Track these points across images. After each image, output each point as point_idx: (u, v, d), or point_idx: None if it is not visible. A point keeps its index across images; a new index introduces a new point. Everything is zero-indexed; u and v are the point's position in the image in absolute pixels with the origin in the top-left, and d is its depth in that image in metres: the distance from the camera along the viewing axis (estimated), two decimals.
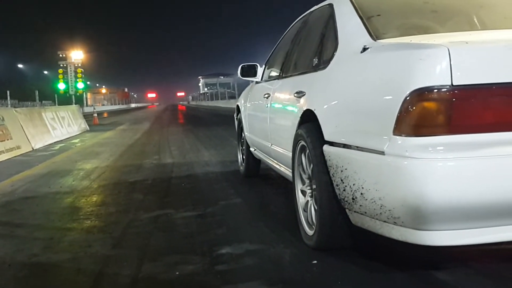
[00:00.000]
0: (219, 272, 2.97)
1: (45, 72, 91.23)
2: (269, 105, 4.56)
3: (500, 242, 2.17)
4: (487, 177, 2.03)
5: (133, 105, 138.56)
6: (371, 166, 2.31)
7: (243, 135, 6.31)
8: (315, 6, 4.05)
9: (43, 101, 53.52)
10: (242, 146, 6.48)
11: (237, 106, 6.66)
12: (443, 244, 2.16)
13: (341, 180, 2.61)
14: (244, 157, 6.35)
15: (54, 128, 14.94)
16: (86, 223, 4.54)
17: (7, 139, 10.65)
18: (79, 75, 54.07)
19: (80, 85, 54.64)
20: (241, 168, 6.57)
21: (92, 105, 74.46)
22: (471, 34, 2.66)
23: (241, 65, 5.60)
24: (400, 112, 2.13)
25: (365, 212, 2.47)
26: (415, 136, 2.09)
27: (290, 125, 3.60)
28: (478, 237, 2.14)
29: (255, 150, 5.66)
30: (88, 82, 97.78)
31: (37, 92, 48.44)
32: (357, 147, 2.49)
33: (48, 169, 8.41)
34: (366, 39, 2.84)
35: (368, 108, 2.43)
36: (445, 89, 2.06)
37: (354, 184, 2.49)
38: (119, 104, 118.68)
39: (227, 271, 2.99)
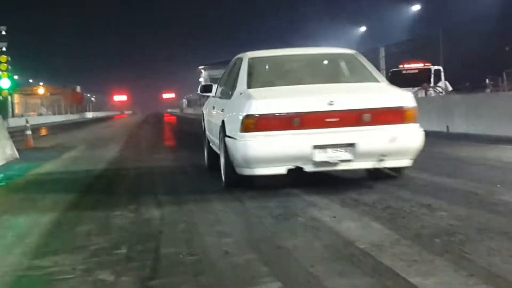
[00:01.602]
0: None
1: None
2: (214, 113, 9.15)
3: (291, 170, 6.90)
4: (267, 146, 6.76)
5: (90, 115, 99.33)
6: (235, 145, 7.01)
7: (206, 134, 10.52)
8: (239, 56, 8.71)
9: None
10: (206, 145, 10.25)
11: (202, 112, 11.00)
12: (258, 174, 6.93)
13: (230, 151, 7.25)
14: (207, 153, 10.23)
15: None
16: None
17: None
18: (3, 65, 36.39)
19: (4, 82, 36.48)
20: (206, 162, 10.35)
21: (22, 115, 55.98)
22: (284, 88, 7.50)
23: (200, 85, 9.89)
24: (241, 123, 6.92)
25: (236, 165, 7.22)
26: (244, 132, 6.85)
27: (219, 126, 8.03)
28: (270, 170, 6.89)
29: (210, 143, 9.63)
30: (16, 77, 62.22)
31: None
32: (232, 137, 7.16)
33: None
34: (244, 87, 7.62)
35: (235, 121, 7.16)
36: (254, 115, 6.84)
37: (232, 153, 7.19)
38: (67, 113, 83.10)
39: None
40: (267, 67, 8.69)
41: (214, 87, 9.75)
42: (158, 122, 44.66)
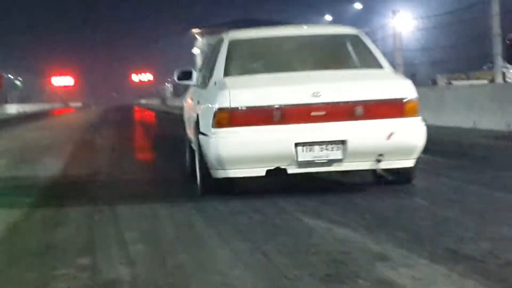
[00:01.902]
0: None
1: None
2: (191, 105, 8.81)
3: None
4: (242, 144, 6.51)
5: (12, 109, 72.86)
6: (207, 143, 6.72)
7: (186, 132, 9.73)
8: (220, 36, 8.21)
9: None
10: (187, 146, 9.31)
11: (184, 106, 10.50)
12: (233, 176, 6.60)
13: (203, 151, 6.98)
14: (188, 156, 9.23)
15: None
16: None
17: None
18: None
19: None
20: (187, 159, 9.41)
21: None
22: (266, 76, 7.29)
23: (177, 71, 8.84)
24: (213, 117, 6.60)
25: (209, 167, 6.82)
26: (217, 128, 6.55)
27: (194, 121, 7.84)
28: (247, 172, 6.54)
29: (191, 143, 8.70)
30: None
31: None
32: (205, 134, 6.89)
33: None
34: (221, 75, 7.25)
35: (208, 115, 6.86)
36: (227, 108, 6.53)
37: (205, 153, 6.85)
38: None
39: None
40: (250, 50, 8.08)
41: (195, 73, 8.69)
42: (124, 123, 32.37)
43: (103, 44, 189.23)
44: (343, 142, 6.60)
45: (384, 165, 6.76)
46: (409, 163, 6.85)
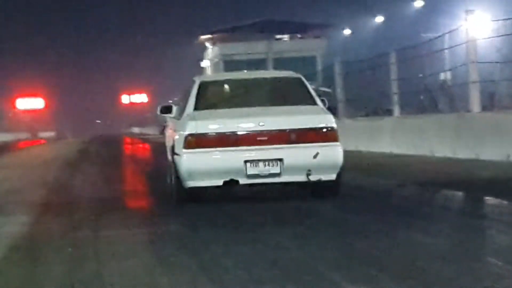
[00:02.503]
0: None
1: None
2: (170, 133, 13.49)
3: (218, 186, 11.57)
4: (204, 160, 11.45)
5: None
6: (180, 160, 11.59)
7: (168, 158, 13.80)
8: (194, 78, 13.19)
9: None
10: (170, 170, 13.03)
11: (166, 134, 15.64)
12: (198, 185, 11.61)
13: (177, 166, 11.63)
14: (169, 179, 13.19)
15: None
16: None
17: None
18: None
19: None
20: (168, 177, 13.42)
21: None
22: (225, 110, 12.31)
23: (159, 106, 13.92)
24: (184, 142, 11.49)
25: (182, 179, 11.70)
26: (187, 149, 11.46)
27: (171, 146, 12.59)
28: (209, 182, 11.51)
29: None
30: None
31: None
32: (178, 154, 11.72)
33: None
34: (191, 109, 12.11)
35: (180, 140, 11.78)
36: (194, 134, 11.49)
37: (178, 168, 11.60)
38: None
39: None
40: (215, 90, 12.97)
41: (174, 108, 13.36)
42: (110, 160, 30.74)
43: (84, 57, 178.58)
44: (280, 160, 11.13)
45: (313, 178, 11.20)
46: (332, 177, 11.30)
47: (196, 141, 11.30)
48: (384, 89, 25.39)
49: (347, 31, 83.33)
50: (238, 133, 11.33)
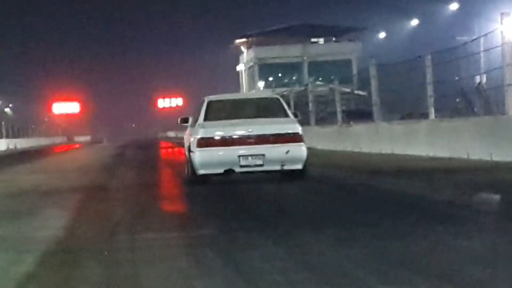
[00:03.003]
0: None
1: None
2: (188, 137, 18.29)
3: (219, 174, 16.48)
4: (210, 155, 16.48)
5: (2, 144, 73.34)
6: (193, 155, 16.60)
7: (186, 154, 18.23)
8: (204, 98, 18.50)
9: None
10: (187, 163, 17.72)
11: (184, 137, 20.15)
12: (206, 173, 16.64)
13: (191, 160, 16.72)
14: (187, 168, 17.74)
15: None
16: None
17: None
18: None
19: None
20: (186, 168, 18.11)
21: None
22: (225, 121, 17.40)
23: (180, 118, 20.20)
24: (197, 143, 16.57)
25: (194, 169, 16.71)
26: (199, 148, 16.46)
27: (189, 146, 17.48)
28: (213, 171, 16.52)
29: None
30: None
31: None
32: (193, 151, 16.76)
33: None
34: (202, 120, 17.28)
35: (194, 141, 16.76)
36: (203, 137, 16.63)
37: (192, 161, 16.72)
38: None
39: None
40: (219, 106, 17.41)
41: (190, 118, 18.71)
42: (147, 164, 30.70)
43: (120, 61, 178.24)
44: (263, 155, 15.69)
45: (286, 167, 15.96)
46: (299, 167, 15.98)
47: (205, 143, 16.06)
48: (420, 92, 25.14)
49: (382, 34, 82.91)
50: (234, 137, 16.17)
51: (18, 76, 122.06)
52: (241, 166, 16.00)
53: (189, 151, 16.80)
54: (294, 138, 16.20)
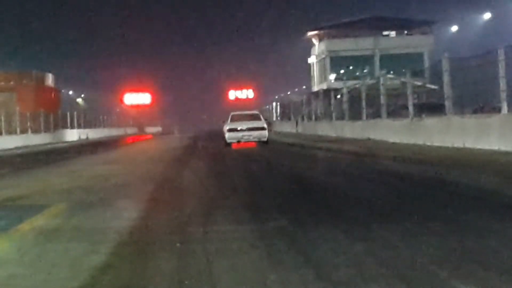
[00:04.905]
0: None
1: None
2: (225, 128, 45.92)
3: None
4: (231, 136, 43.58)
5: (73, 135, 73.73)
6: (225, 135, 44.12)
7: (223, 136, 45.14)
8: (231, 112, 46.30)
9: None
10: (224, 139, 43.45)
11: (223, 129, 47.80)
12: (229, 142, 43.09)
13: (225, 136, 43.87)
14: (224, 141, 42.81)
15: None
16: None
17: None
18: None
19: None
20: (223, 140, 43.55)
21: None
22: (237, 122, 44.62)
23: (221, 121, 51.44)
24: (227, 130, 44.09)
25: (225, 140, 43.70)
26: (227, 133, 43.65)
27: (224, 131, 45.41)
28: (232, 141, 43.13)
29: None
30: None
31: None
32: (225, 133, 44.79)
33: None
34: (229, 121, 45.56)
35: (225, 130, 45.16)
36: (229, 128, 43.86)
37: (224, 137, 43.99)
38: (26, 130, 58.05)
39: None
40: (235, 116, 42.33)
41: (225, 121, 43.32)
42: (218, 156, 31.37)
43: (191, 53, 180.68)
44: (251, 135, 40.38)
45: (260, 140, 40.69)
46: (265, 140, 40.57)
47: (229, 130, 39.88)
48: (492, 86, 24.74)
49: (454, 28, 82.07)
50: (239, 128, 40.05)
51: (89, 66, 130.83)
52: (242, 139, 39.65)
53: (223, 133, 40.47)
54: (263, 128, 40.36)
